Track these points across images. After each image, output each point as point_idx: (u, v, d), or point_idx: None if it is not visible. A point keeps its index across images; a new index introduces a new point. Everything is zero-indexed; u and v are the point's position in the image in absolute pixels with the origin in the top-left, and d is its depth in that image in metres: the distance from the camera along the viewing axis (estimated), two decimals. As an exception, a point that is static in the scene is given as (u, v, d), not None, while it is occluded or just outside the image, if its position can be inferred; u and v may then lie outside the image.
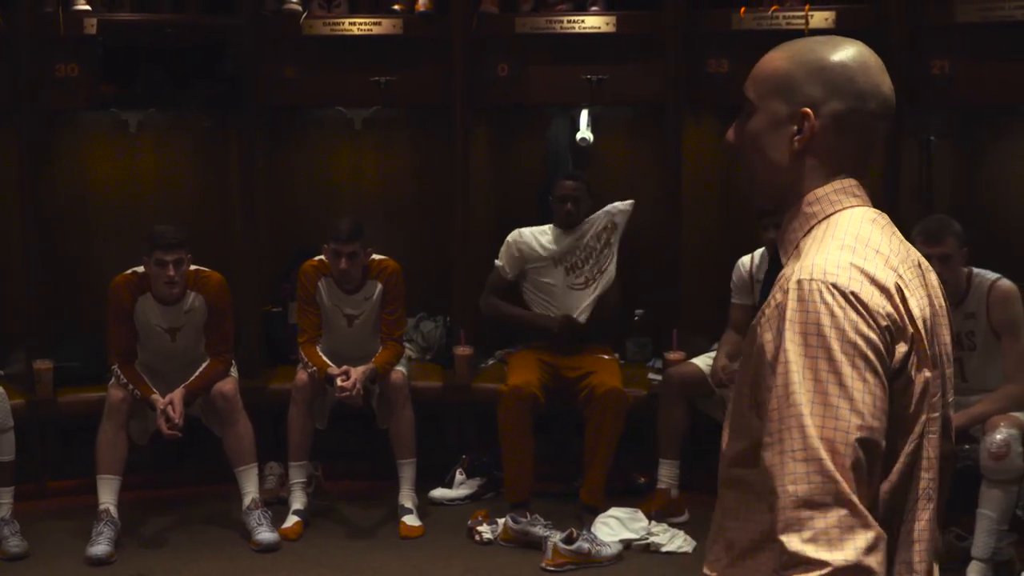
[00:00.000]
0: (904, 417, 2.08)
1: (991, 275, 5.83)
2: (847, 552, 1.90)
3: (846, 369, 1.97)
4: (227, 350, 6.54)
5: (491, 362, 7.36)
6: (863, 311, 2.00)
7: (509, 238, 7.06)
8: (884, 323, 2.02)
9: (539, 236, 7.05)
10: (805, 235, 2.18)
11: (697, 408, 6.65)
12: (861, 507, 1.92)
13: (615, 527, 6.30)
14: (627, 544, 6.23)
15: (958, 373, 5.69)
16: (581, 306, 6.98)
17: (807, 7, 6.74)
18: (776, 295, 2.08)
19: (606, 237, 6.99)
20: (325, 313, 6.73)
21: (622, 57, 7.18)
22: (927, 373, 2.11)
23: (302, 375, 6.60)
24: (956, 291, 5.74)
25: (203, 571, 6.09)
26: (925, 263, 2.27)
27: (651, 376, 7.11)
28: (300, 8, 7.24)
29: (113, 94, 7.11)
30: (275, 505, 6.67)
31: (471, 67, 7.24)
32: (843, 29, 6.67)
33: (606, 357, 6.97)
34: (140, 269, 6.41)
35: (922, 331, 2.11)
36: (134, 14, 7.17)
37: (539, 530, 6.24)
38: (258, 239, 7.41)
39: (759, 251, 6.65)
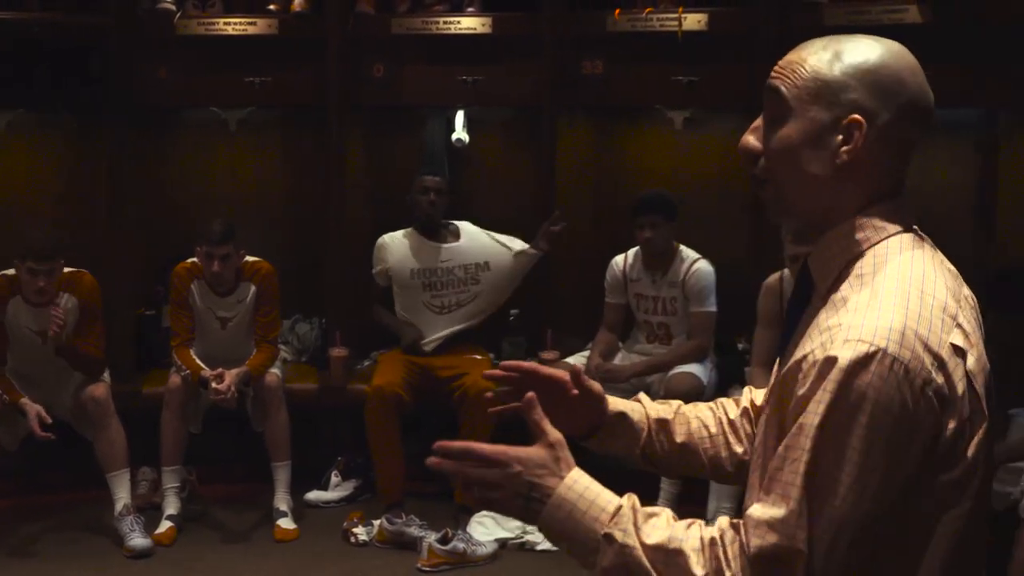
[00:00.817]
0: (954, 481, 1.91)
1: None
2: None
3: (869, 449, 1.81)
4: (99, 352, 6.44)
5: (367, 363, 7.32)
6: (906, 387, 1.82)
7: (376, 244, 7.07)
8: (930, 400, 1.84)
9: (401, 242, 7.06)
10: (849, 264, 1.99)
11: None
12: None
13: (490, 526, 6.32)
14: (503, 543, 6.26)
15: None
16: (433, 334, 6.98)
17: (680, 9, 6.81)
18: (816, 351, 1.88)
19: (474, 273, 7.00)
20: (198, 316, 6.67)
21: (498, 58, 7.20)
22: (980, 433, 1.93)
23: (175, 378, 6.53)
24: None
25: (74, 578, 6.01)
26: (967, 289, 2.07)
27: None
28: (174, 8, 7.16)
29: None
30: (148, 511, 6.58)
31: (347, 68, 7.22)
32: (715, 32, 6.77)
33: (479, 357, 6.97)
34: (11, 272, 6.30)
35: (982, 388, 1.94)
36: (0, 12, 7.03)
37: (414, 531, 6.24)
38: (130, 241, 7.32)
39: (632, 251, 6.73)
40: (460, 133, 7.39)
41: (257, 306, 6.68)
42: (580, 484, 2.00)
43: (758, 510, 1.87)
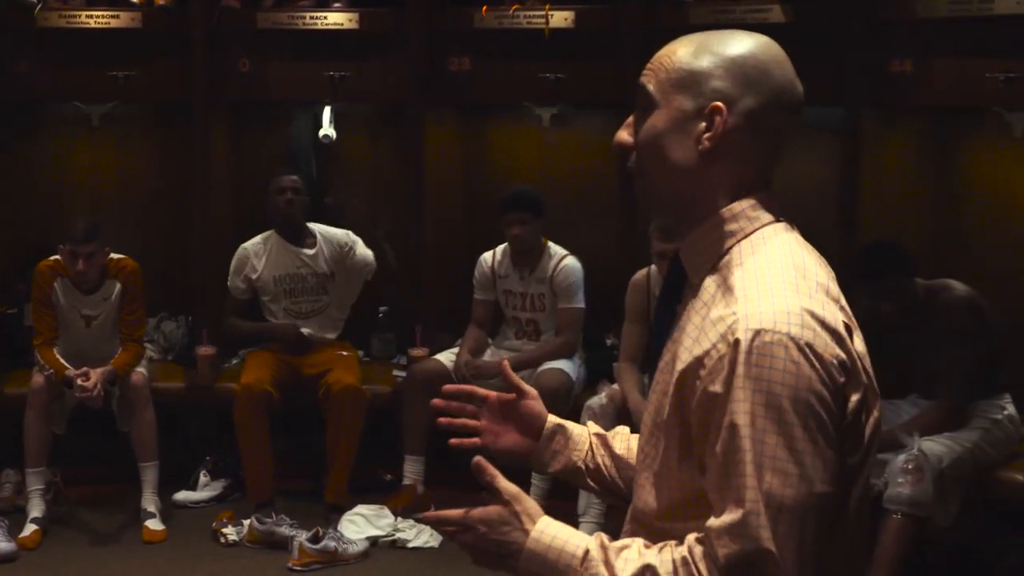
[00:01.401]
0: (854, 465, 1.95)
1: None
2: None
3: (798, 432, 1.83)
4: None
5: (235, 362, 7.25)
6: (818, 366, 1.85)
7: (237, 255, 7.02)
8: (839, 377, 1.88)
9: (261, 248, 7.01)
10: (725, 254, 2.01)
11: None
12: None
13: (361, 524, 6.32)
14: (374, 541, 6.26)
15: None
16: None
17: (547, 7, 6.85)
18: (718, 346, 1.89)
19: (323, 283, 7.00)
20: (62, 314, 6.58)
21: (365, 54, 7.19)
22: (875, 414, 1.98)
23: (38, 378, 6.43)
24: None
25: (-65, 585, 5.91)
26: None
27: (395, 373, 7.12)
28: (34, 0, 7.03)
29: None
30: (12, 514, 6.46)
31: (212, 62, 7.16)
32: (582, 29, 6.83)
33: (345, 353, 6.97)
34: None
35: (869, 369, 1.98)
36: None
37: (285, 530, 6.22)
38: (-9, 237, 7.19)
39: (500, 247, 6.77)
40: (327, 130, 7.37)
41: (122, 304, 6.60)
42: (547, 534, 2.03)
43: (716, 520, 1.87)
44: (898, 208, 6.62)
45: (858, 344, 1.96)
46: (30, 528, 6.32)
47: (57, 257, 6.53)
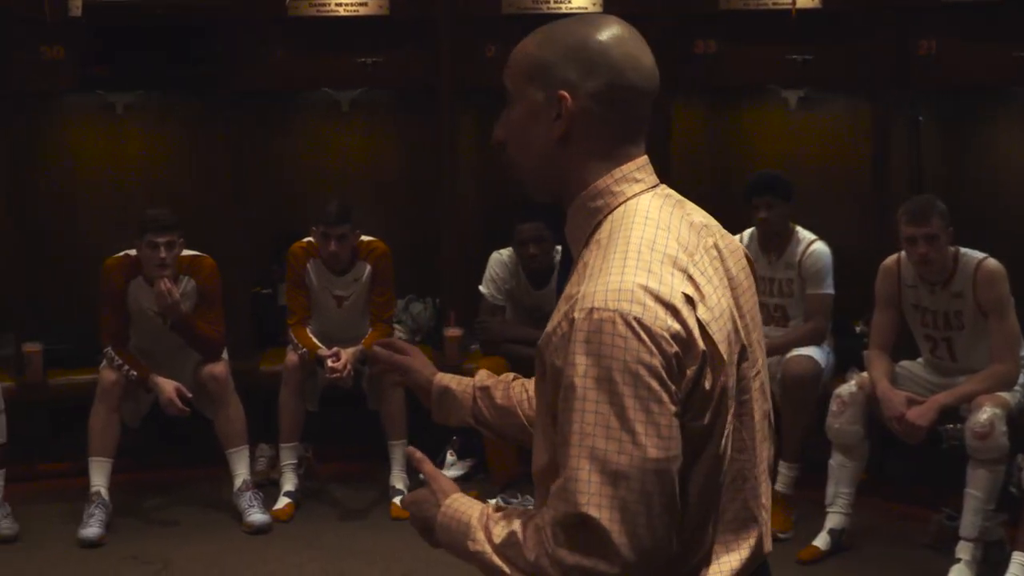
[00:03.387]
0: (704, 427, 2.02)
1: (978, 255, 5.85)
2: None
3: (629, 401, 1.91)
4: (219, 333, 6.52)
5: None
6: (646, 337, 1.92)
7: (490, 262, 6.97)
8: (671, 348, 1.94)
9: (507, 272, 6.94)
10: (594, 231, 2.11)
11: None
12: (619, 554, 1.91)
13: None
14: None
15: (946, 353, 5.78)
16: None
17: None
18: (562, 323, 2.00)
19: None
20: (314, 295, 6.74)
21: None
22: (726, 378, 2.04)
23: (292, 357, 6.60)
24: (943, 271, 5.79)
25: (194, 553, 6.09)
26: (725, 239, 2.21)
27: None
28: (286, -11, 7.23)
29: (99, 76, 7.11)
30: (266, 487, 6.69)
31: (458, 48, 7.24)
32: (829, 9, 6.73)
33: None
34: (132, 252, 6.39)
35: (717, 333, 2.03)
36: (118, -5, 7.14)
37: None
38: (247, 221, 7.41)
39: (747, 231, 6.64)
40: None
41: (372, 285, 6.72)
42: (451, 508, 2.17)
43: (553, 486, 1.97)
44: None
45: (702, 313, 2.01)
46: (283, 501, 6.52)
47: (310, 239, 6.69)
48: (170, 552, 6.09)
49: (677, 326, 1.96)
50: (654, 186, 2.16)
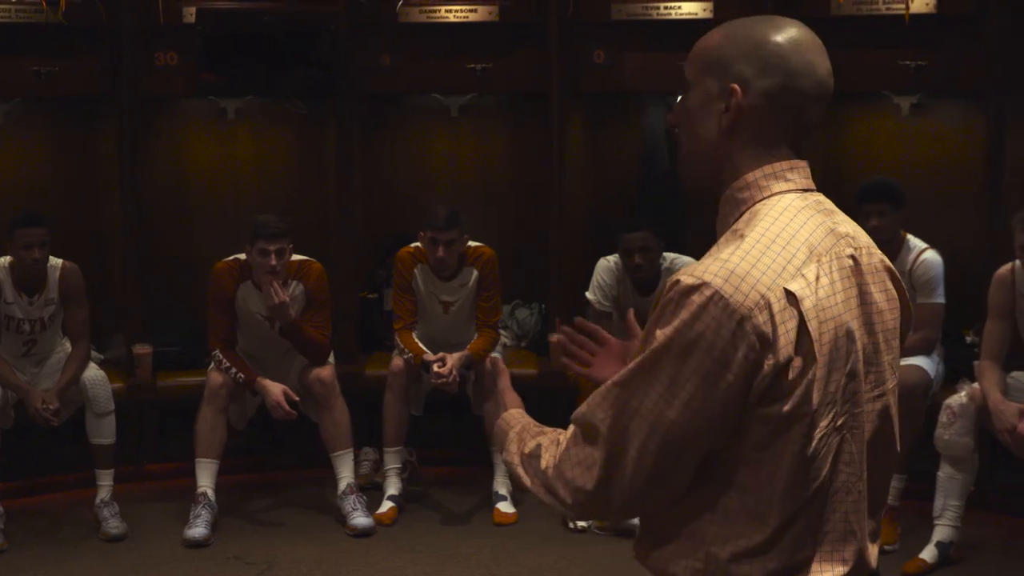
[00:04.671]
0: (783, 415, 2.03)
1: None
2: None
3: (685, 367, 2.00)
4: (326, 337, 6.56)
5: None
6: (726, 319, 1.99)
7: (598, 268, 6.82)
8: (749, 336, 1.99)
9: (613, 279, 6.80)
10: (736, 221, 2.17)
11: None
12: (598, 475, 2.07)
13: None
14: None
15: None
16: None
17: (908, -8, 6.66)
18: (667, 288, 2.08)
19: None
20: (421, 300, 6.75)
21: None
22: (816, 378, 2.06)
23: (398, 361, 6.62)
24: None
25: (299, 555, 6.13)
26: (871, 257, 2.23)
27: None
28: (396, -5, 7.27)
29: (212, 82, 7.21)
30: (370, 490, 6.71)
31: (567, 54, 7.22)
32: (944, 14, 6.61)
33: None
34: (242, 256, 6.45)
35: (817, 332, 2.06)
36: (232, 2, 7.25)
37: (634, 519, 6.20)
38: (354, 226, 7.46)
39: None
40: (681, 120, 7.33)
41: (479, 291, 6.72)
42: (503, 419, 2.40)
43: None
44: None
45: (807, 307, 2.04)
46: (386, 505, 6.52)
47: (417, 244, 6.70)
48: (274, 553, 6.13)
49: (763, 317, 2.01)
50: (805, 190, 2.20)
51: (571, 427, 2.14)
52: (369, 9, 7.29)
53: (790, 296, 2.04)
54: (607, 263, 6.78)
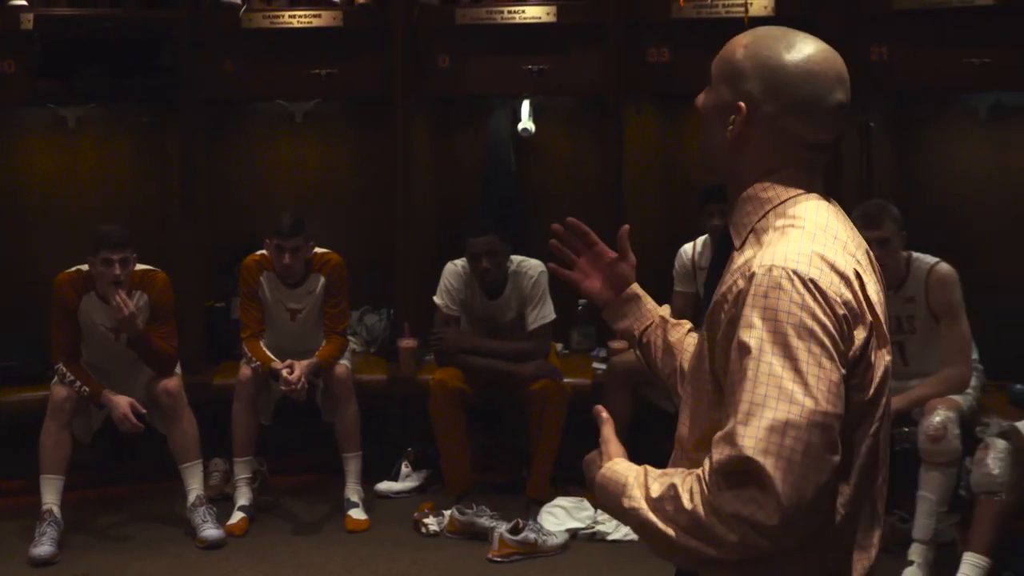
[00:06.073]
0: (866, 402, 2.12)
1: (930, 259, 5.90)
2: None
3: (802, 355, 1.99)
4: (172, 347, 6.48)
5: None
6: (820, 298, 2.03)
7: (445, 273, 6.83)
8: (841, 311, 2.05)
9: (461, 283, 6.80)
10: (760, 219, 2.21)
11: (642, 396, 6.65)
12: (779, 504, 1.95)
13: (561, 517, 6.31)
14: (573, 533, 6.24)
15: (898, 357, 5.78)
16: None
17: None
18: (738, 282, 2.09)
19: (516, 319, 6.84)
20: (268, 308, 6.70)
21: (563, 47, 7.17)
22: (887, 356, 2.16)
23: (246, 370, 6.57)
24: (895, 275, 5.80)
25: (148, 569, 6.05)
26: (870, 252, 2.31)
27: (595, 365, 7.12)
28: (239, 1, 7.19)
29: (51, 90, 7.06)
30: (220, 501, 6.63)
31: (412, 58, 7.22)
32: (782, 16, 6.71)
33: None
34: (84, 267, 6.34)
35: (880, 315, 2.15)
36: (71, 9, 7.10)
37: (485, 521, 6.24)
38: (199, 234, 7.37)
39: (701, 238, 6.68)
40: (526, 123, 7.39)
41: (326, 297, 6.70)
42: (611, 469, 2.25)
43: (719, 433, 2.04)
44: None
45: (870, 291, 2.14)
46: (237, 516, 6.47)
47: (263, 252, 6.66)
48: (123, 568, 6.05)
49: (849, 295, 2.07)
50: (821, 196, 2.26)
51: (710, 467, 2.02)
52: (212, 15, 7.22)
53: (859, 277, 2.12)
54: (454, 267, 6.79)
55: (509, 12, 7.15)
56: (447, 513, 6.38)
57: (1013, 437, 5.46)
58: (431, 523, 6.36)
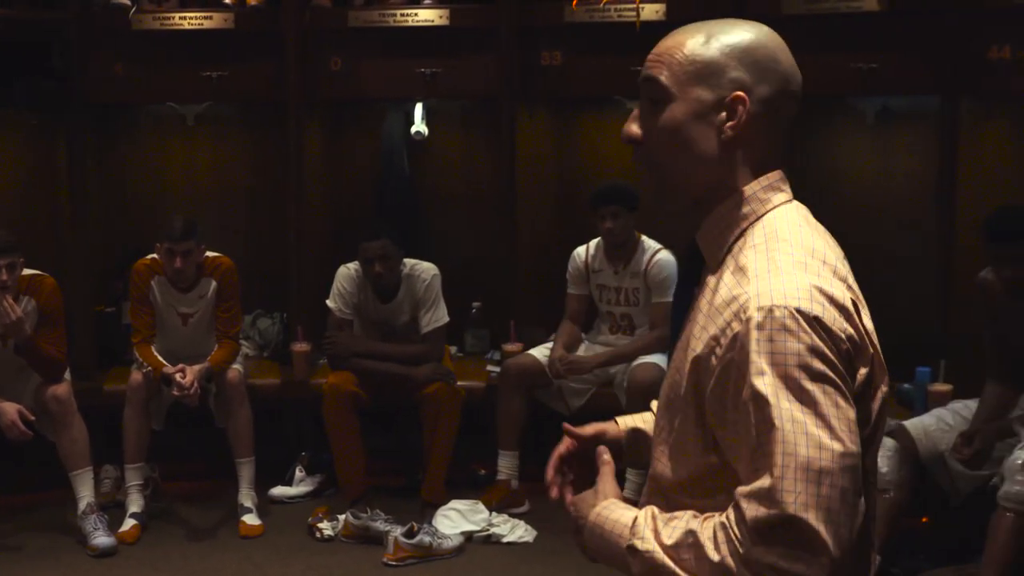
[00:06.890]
0: (865, 439, 2.02)
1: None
2: None
3: (820, 397, 1.90)
4: (62, 353, 6.39)
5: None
6: (826, 336, 1.92)
7: (337, 276, 6.81)
8: (845, 347, 1.95)
9: (354, 287, 6.79)
10: (737, 239, 2.09)
11: (536, 399, 6.70)
12: (827, 554, 1.87)
13: (456, 519, 6.32)
14: (468, 536, 6.26)
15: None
16: None
17: (638, 1, 6.81)
18: (732, 325, 1.96)
19: (410, 322, 6.85)
20: (159, 312, 6.64)
21: (456, 50, 7.19)
22: (884, 388, 2.08)
23: (137, 375, 6.50)
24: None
25: (38, 579, 5.98)
26: (846, 261, 2.17)
27: (489, 368, 7.15)
28: (129, 3, 7.11)
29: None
30: (112, 509, 6.55)
31: (304, 61, 7.19)
32: (674, 21, 6.74)
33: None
34: None
35: (877, 345, 2.06)
36: (-44, 9, 6.99)
37: (380, 525, 6.23)
38: (89, 238, 7.27)
39: (594, 241, 6.75)
40: (419, 126, 7.39)
41: (218, 301, 6.64)
42: (607, 509, 2.16)
43: (746, 487, 1.92)
44: (996, 198, 6.51)
45: (866, 321, 2.05)
46: (129, 523, 6.40)
47: (154, 256, 6.59)
48: (12, 578, 5.97)
49: (851, 329, 1.97)
50: (791, 199, 2.15)
51: (742, 520, 1.91)
52: (102, 17, 7.12)
53: (856, 307, 2.02)
54: (348, 271, 6.77)
55: (402, 15, 7.15)
56: (341, 517, 6.36)
57: (900, 436, 5.56)
58: (326, 528, 6.34)
